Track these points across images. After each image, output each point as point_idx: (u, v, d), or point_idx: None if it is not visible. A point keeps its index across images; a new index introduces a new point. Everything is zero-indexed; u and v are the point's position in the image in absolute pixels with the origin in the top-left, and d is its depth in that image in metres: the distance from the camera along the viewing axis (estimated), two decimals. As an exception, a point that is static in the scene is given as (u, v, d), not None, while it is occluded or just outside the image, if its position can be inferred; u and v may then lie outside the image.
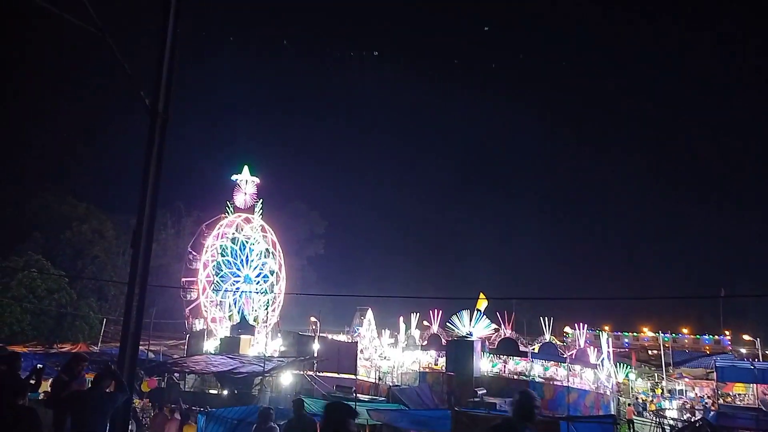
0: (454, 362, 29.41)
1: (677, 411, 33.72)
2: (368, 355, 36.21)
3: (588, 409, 28.75)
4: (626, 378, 41.33)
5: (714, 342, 70.25)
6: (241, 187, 42.42)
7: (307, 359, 23.43)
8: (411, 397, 21.17)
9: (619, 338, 68.11)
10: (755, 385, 32.51)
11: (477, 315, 33.84)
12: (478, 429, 13.03)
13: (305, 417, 10.67)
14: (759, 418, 28.67)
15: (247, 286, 40.85)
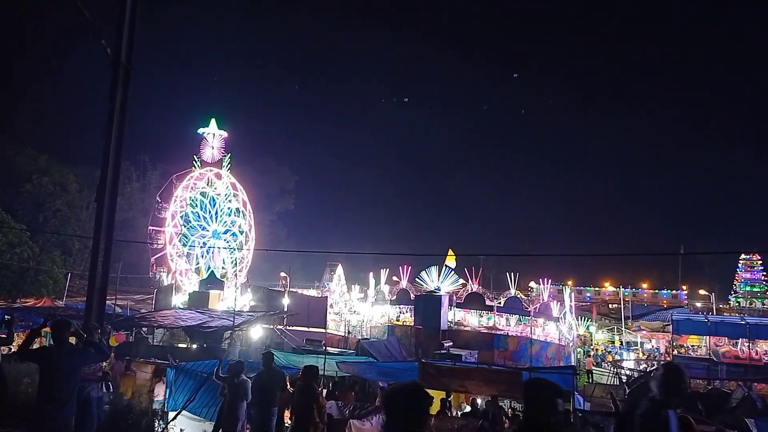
0: (422, 316, 30.02)
1: (634, 362, 35.29)
2: (338, 310, 36.66)
3: (550, 360, 29.85)
4: (587, 331, 42.96)
5: (671, 297, 73.13)
6: (208, 140, 41.57)
7: (276, 314, 23.59)
8: (379, 349, 21.61)
9: (581, 293, 70.32)
10: (708, 337, 34.13)
11: (445, 271, 34.40)
12: (444, 378, 13.46)
13: (275, 370, 10.84)
14: (710, 368, 30.29)
15: (216, 242, 40.58)
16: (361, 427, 10.28)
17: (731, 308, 63.74)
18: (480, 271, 35.52)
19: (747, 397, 16.66)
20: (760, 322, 35.28)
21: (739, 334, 33.16)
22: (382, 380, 16.15)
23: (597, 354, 37.44)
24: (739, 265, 75.10)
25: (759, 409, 15.12)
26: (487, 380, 13.05)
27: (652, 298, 72.54)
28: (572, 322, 36.36)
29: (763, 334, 32.61)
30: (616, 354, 38.14)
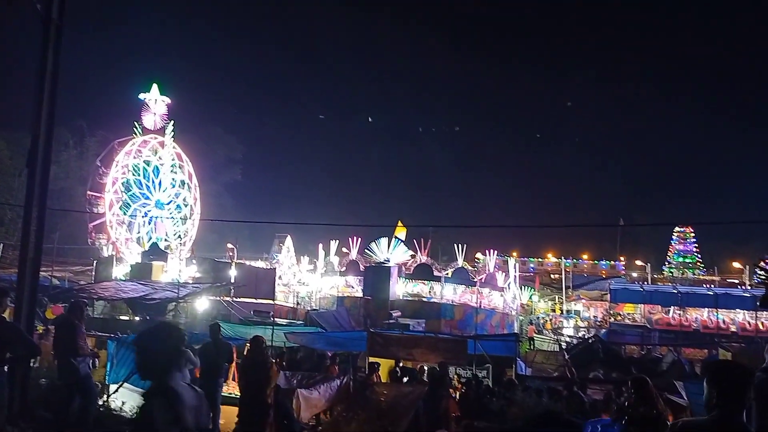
0: (372, 287, 30.24)
1: (573, 329, 36.82)
2: (287, 281, 36.42)
3: (494, 328, 30.73)
4: (530, 300, 44.39)
5: (610, 267, 76.25)
6: (150, 106, 39.89)
7: (223, 285, 23.21)
8: (328, 320, 21.68)
9: (525, 263, 72.35)
10: (643, 305, 35.92)
11: (395, 242, 34.65)
12: (392, 347, 13.67)
13: (221, 341, 10.71)
14: (644, 335, 31.90)
15: (159, 212, 39.37)
16: (308, 396, 10.31)
17: (665, 278, 67.07)
18: (429, 242, 35.98)
19: (677, 362, 17.68)
20: (690, 291, 37.39)
21: (671, 302, 35.04)
22: (330, 350, 16.28)
23: (539, 322, 38.78)
24: (673, 238, 78.85)
25: (687, 373, 16.07)
26: (433, 348, 13.33)
27: (592, 269, 75.46)
28: (516, 291, 37.47)
29: (693, 302, 34.58)
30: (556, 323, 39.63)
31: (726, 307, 33.07)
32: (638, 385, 6.24)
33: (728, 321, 32.90)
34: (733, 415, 3.07)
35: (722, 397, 3.10)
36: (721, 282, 57.93)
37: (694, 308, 34.46)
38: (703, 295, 35.41)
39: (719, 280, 60.76)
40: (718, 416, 3.08)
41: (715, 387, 3.14)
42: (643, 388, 6.17)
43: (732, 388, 3.11)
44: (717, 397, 3.12)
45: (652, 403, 6.00)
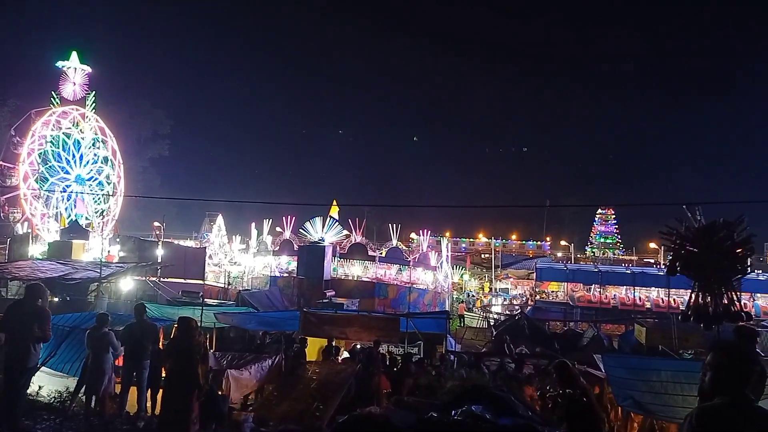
0: (306, 266, 30.02)
1: (501, 307, 38.06)
2: (218, 261, 35.59)
3: (426, 306, 31.29)
4: (461, 279, 45.49)
5: (536, 247, 79.24)
6: (68, 75, 37.50)
7: (149, 265, 22.34)
8: (261, 300, 21.39)
9: (457, 243, 73.99)
10: (566, 283, 37.56)
11: (330, 222, 34.47)
12: (325, 326, 13.64)
13: (146, 322, 10.37)
14: (566, 311, 33.42)
15: (79, 188, 37.29)
16: (239, 376, 10.13)
17: (587, 258, 70.37)
18: (363, 222, 36.02)
19: (596, 337, 18.62)
20: (610, 270, 39.44)
21: (592, 280, 36.84)
22: (263, 330, 16.07)
23: (469, 300, 39.83)
24: (596, 219, 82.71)
25: (605, 347, 16.98)
26: (366, 327, 13.41)
27: (520, 249, 78.18)
28: (448, 270, 38.25)
29: (612, 281, 36.49)
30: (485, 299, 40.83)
31: (642, 285, 35.08)
32: (561, 370, 6.40)
33: (644, 298, 34.94)
34: (746, 397, 3.02)
35: (732, 380, 3.03)
36: (638, 261, 61.51)
37: (614, 286, 36.38)
38: (621, 273, 37.45)
39: (636, 259, 64.46)
40: (730, 400, 3.00)
41: (723, 369, 3.06)
42: (566, 371, 6.33)
43: (740, 370, 3.05)
44: (725, 380, 3.04)
45: (575, 384, 6.13)
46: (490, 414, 5.93)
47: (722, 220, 8.38)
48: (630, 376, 7.75)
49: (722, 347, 3.25)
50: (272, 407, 9.51)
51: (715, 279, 8.31)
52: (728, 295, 8.18)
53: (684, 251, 8.61)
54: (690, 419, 3.09)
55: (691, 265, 8.57)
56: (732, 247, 8.22)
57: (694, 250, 8.42)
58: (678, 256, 8.75)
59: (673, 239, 8.82)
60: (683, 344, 13.30)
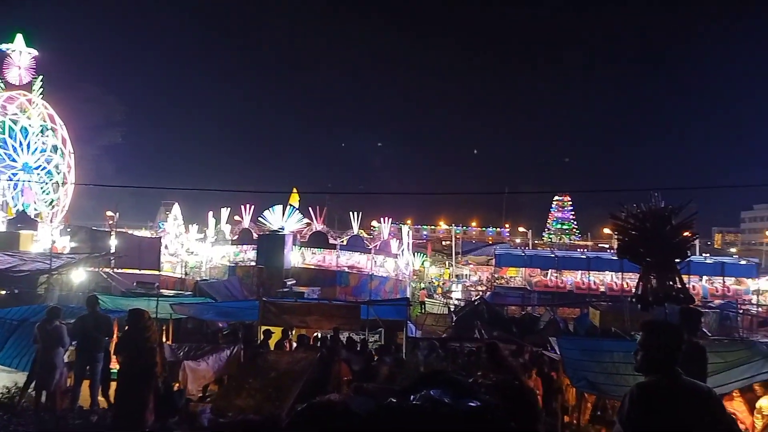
0: (266, 256, 29.69)
1: (461, 293, 38.57)
2: (174, 251, 34.83)
3: (388, 293, 31.45)
4: (422, 266, 45.89)
5: (496, 233, 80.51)
6: (13, 59, 35.86)
7: (102, 256, 21.68)
8: (219, 290, 21.02)
9: (418, 231, 74.51)
10: (524, 269, 38.34)
11: (290, 210, 34.13)
12: (285, 315, 13.54)
13: (99, 314, 10.13)
14: (524, 296, 34.10)
15: (27, 176, 35.83)
16: (195, 368, 9.97)
17: (545, 243, 71.93)
18: (324, 210, 35.85)
19: (552, 320, 19.08)
20: (566, 255, 40.44)
21: (549, 265, 37.69)
22: (221, 320, 15.83)
23: (430, 286, 40.22)
24: (553, 206, 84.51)
25: (561, 330, 17.41)
26: (327, 315, 13.37)
27: (480, 235, 79.32)
28: (409, 258, 38.50)
29: (568, 266, 37.42)
30: (445, 286, 41.32)
31: (597, 269, 36.09)
32: (490, 352, 6.40)
33: (598, 282, 35.97)
34: (677, 372, 3.22)
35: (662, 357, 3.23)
36: (593, 247, 63.21)
37: (569, 271, 37.30)
38: (577, 258, 38.44)
39: (592, 245, 66.25)
40: (662, 376, 3.21)
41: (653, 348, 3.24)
42: (496, 352, 6.33)
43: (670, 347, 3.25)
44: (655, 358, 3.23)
45: (505, 366, 6.16)
46: (448, 398, 6.00)
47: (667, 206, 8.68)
48: (584, 358, 7.96)
49: (651, 327, 3.40)
50: (231, 398, 9.41)
51: (658, 263, 8.61)
52: (671, 278, 8.48)
53: (630, 236, 8.89)
54: (630, 395, 3.28)
55: (636, 250, 8.86)
56: (674, 231, 8.53)
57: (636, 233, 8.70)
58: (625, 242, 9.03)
59: (621, 225, 9.08)
60: (635, 326, 13.70)
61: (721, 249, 67.28)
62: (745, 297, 33.03)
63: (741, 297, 32.69)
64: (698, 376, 5.36)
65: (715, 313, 23.68)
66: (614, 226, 9.30)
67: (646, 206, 8.75)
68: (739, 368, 7.59)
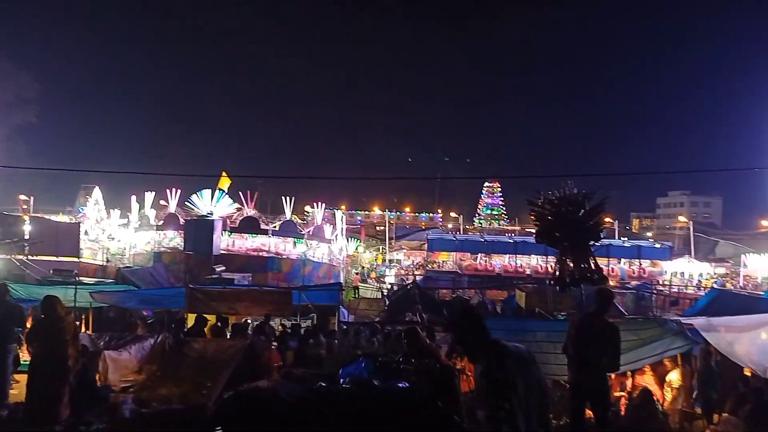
0: (193, 241, 28.78)
1: (394, 277, 38.98)
2: (95, 237, 33.15)
3: (321, 279, 31.29)
4: (356, 251, 45.98)
5: (429, 219, 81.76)
6: None
7: (14, 242, 20.39)
8: (144, 277, 20.25)
9: (353, 216, 74.50)
10: (455, 253, 39.20)
11: (219, 194, 33.19)
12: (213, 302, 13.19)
13: (10, 303, 9.52)
14: (455, 280, 34.89)
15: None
16: (117, 357, 9.55)
17: (475, 228, 73.71)
18: (256, 195, 35.11)
19: (481, 302, 19.65)
20: (495, 239, 41.65)
21: (479, 250, 38.77)
22: (145, 308, 15.27)
23: (363, 271, 40.37)
24: (483, 192, 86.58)
25: (489, 311, 17.94)
26: (257, 301, 13.14)
27: (413, 221, 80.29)
28: (343, 243, 38.45)
29: (497, 250, 38.61)
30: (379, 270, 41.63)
31: (523, 253, 37.40)
32: (409, 337, 6.56)
33: (525, 265, 37.31)
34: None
35: None
36: (521, 231, 65.35)
37: (498, 255, 38.49)
38: (504, 243, 39.69)
39: (519, 229, 68.48)
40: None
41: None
42: (416, 337, 6.48)
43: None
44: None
45: (424, 352, 6.29)
46: (377, 380, 6.05)
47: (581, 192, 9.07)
48: (509, 338, 8.18)
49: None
50: (155, 388, 9.09)
51: (573, 246, 8.98)
52: (586, 260, 8.87)
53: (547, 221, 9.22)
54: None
55: (553, 234, 9.21)
56: (587, 215, 8.91)
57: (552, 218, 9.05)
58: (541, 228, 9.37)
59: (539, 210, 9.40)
60: (557, 306, 14.31)
61: (638, 233, 71.12)
62: (659, 278, 35.19)
63: (656, 278, 34.83)
64: (612, 353, 5.65)
65: (631, 293, 25.13)
66: (531, 212, 9.60)
67: (561, 192, 9.07)
68: (652, 344, 8.05)
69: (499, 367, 3.55)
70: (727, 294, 18.42)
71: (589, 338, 5.85)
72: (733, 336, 8.28)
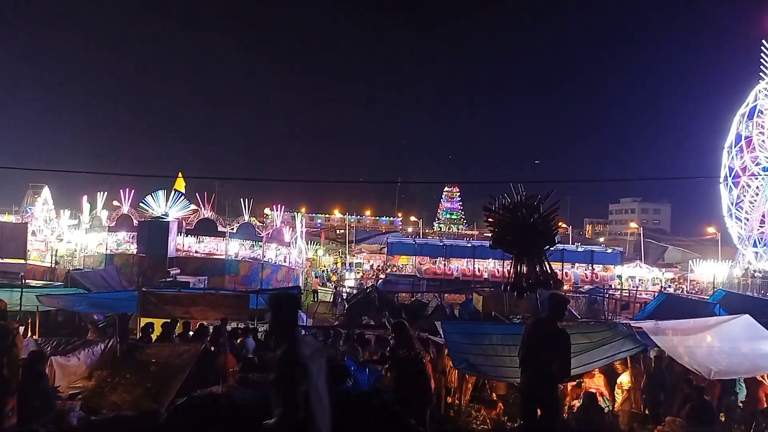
0: (147, 243, 28.08)
1: (354, 281, 38.91)
2: (43, 238, 31.97)
3: (280, 282, 30.97)
4: (316, 254, 45.71)
5: (389, 222, 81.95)
6: None
7: (-45, 243, 19.50)
8: (95, 280, 19.64)
9: (313, 219, 74.05)
10: (415, 257, 39.44)
11: (175, 195, 32.47)
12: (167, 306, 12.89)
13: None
14: (414, 283, 35.05)
15: None
16: (65, 363, 9.23)
17: (435, 232, 74.30)
18: (213, 196, 34.50)
19: (439, 306, 19.77)
20: (454, 243, 42.10)
21: (438, 253, 39.11)
22: (96, 312, 14.80)
23: (323, 275, 40.17)
24: (443, 196, 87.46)
25: (447, 315, 18.08)
26: (213, 305, 12.92)
27: (373, 224, 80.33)
28: (302, 246, 38.17)
29: (455, 254, 39.03)
30: (339, 273, 41.49)
31: (481, 257, 37.89)
32: (398, 330, 6.88)
33: (482, 269, 37.81)
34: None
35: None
36: (479, 236, 66.25)
37: (456, 258, 38.91)
38: (463, 247, 40.18)
39: (477, 234, 69.40)
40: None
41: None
42: (403, 331, 6.79)
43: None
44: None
45: (410, 344, 6.59)
46: (333, 383, 6.06)
47: (535, 196, 9.25)
48: (465, 341, 8.31)
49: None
50: (104, 394, 8.82)
51: (529, 250, 9.15)
52: (539, 265, 9.05)
53: (502, 226, 9.36)
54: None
55: (508, 239, 9.36)
56: (542, 220, 9.10)
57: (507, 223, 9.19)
58: (496, 232, 9.50)
59: (494, 216, 9.54)
60: (513, 310, 14.57)
61: (591, 239, 73.02)
62: (611, 282, 36.21)
63: (607, 282, 35.83)
64: (563, 359, 5.80)
65: (584, 297, 25.78)
66: (487, 217, 9.74)
67: (515, 197, 9.23)
68: (603, 347, 8.27)
69: (297, 351, 3.84)
70: (675, 298, 19.05)
71: (541, 343, 5.97)
72: (679, 339, 8.60)
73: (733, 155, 39.14)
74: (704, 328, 8.74)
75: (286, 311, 4.18)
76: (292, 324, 4.21)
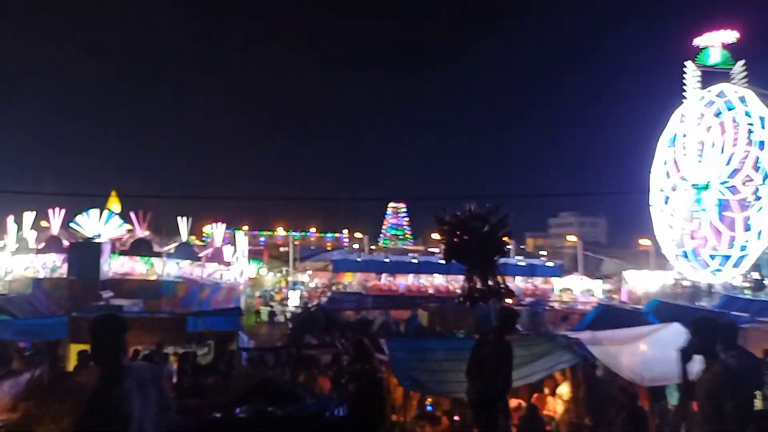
0: (78, 266, 26.80)
1: (299, 300, 38.36)
2: (-38, 262, 29.97)
3: (220, 303, 30.08)
4: (258, 273, 44.82)
5: (335, 239, 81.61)
6: None
7: None
8: (21, 306, 18.55)
9: (255, 237, 72.76)
10: (360, 273, 39.35)
11: (108, 215, 31.20)
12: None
13: None
14: (359, 300, 34.92)
15: None
16: (-15, 396, 8.59)
17: (380, 248, 74.47)
18: (149, 215, 33.32)
19: (385, 322, 19.74)
20: (399, 259, 42.33)
21: (383, 269, 39.21)
22: (22, 340, 13.96)
23: (266, 294, 39.39)
24: (388, 212, 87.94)
25: (393, 331, 18.05)
26: (148, 329, 12.44)
27: (319, 241, 79.77)
28: (244, 265, 37.37)
29: (401, 269, 39.25)
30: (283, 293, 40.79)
31: (426, 272, 38.22)
32: (357, 346, 7.15)
33: (428, 284, 38.11)
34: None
35: None
36: (424, 251, 66.86)
37: (402, 274, 39.07)
38: (408, 263, 40.44)
39: (422, 249, 70.04)
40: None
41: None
42: (361, 347, 7.01)
43: None
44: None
45: (367, 359, 6.74)
46: (274, 406, 5.95)
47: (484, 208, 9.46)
48: (410, 357, 8.28)
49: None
50: (30, 426, 8.28)
51: (481, 261, 9.31)
52: (492, 277, 9.21)
53: (454, 238, 9.50)
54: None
55: (461, 250, 9.50)
56: (491, 230, 9.30)
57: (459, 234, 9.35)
58: (450, 244, 9.63)
59: (446, 228, 9.68)
60: (458, 325, 14.70)
61: (532, 252, 74.90)
62: (551, 295, 37.20)
63: (548, 295, 36.80)
64: (504, 371, 5.89)
65: (526, 310, 26.33)
66: (440, 229, 9.88)
67: (466, 210, 9.40)
68: (543, 359, 8.42)
69: (117, 385, 3.53)
70: (611, 309, 19.68)
71: (485, 356, 6.05)
72: (615, 348, 8.87)
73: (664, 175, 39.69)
74: (638, 336, 9.04)
75: (107, 337, 3.73)
76: (114, 351, 3.74)
